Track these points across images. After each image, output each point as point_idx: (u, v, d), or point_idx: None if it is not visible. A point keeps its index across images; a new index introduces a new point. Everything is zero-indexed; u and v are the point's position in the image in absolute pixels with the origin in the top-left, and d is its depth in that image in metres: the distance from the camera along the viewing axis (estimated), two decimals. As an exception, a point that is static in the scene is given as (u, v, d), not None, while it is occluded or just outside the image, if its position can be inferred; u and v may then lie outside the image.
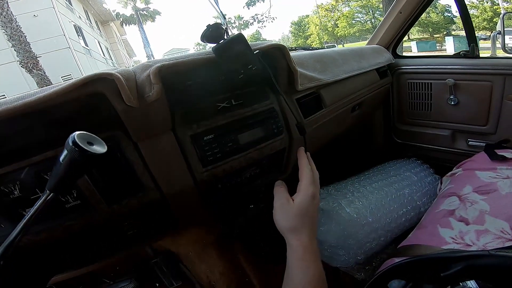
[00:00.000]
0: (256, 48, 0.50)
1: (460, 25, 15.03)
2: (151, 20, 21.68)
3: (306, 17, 23.19)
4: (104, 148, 0.32)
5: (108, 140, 0.43)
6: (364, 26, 19.38)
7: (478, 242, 0.54)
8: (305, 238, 0.44)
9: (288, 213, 0.46)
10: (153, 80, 0.40)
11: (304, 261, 0.43)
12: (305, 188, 0.47)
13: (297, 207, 0.45)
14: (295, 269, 0.43)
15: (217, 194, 0.59)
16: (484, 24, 12.99)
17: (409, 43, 14.90)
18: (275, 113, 0.60)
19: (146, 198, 0.48)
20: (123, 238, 0.54)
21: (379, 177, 1.06)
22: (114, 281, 0.96)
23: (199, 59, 0.46)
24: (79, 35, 13.09)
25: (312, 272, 0.43)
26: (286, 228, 0.46)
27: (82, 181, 0.42)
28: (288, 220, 0.45)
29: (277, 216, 0.47)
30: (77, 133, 0.30)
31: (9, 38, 7.14)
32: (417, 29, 16.81)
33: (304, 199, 0.46)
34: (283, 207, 0.46)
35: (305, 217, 0.45)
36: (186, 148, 0.50)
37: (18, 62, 7.57)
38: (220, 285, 0.96)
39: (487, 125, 1.08)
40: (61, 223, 0.43)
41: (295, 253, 0.44)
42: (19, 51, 7.28)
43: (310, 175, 0.48)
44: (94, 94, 0.39)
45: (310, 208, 0.46)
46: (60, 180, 0.31)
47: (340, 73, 0.86)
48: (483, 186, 0.70)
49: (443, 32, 16.50)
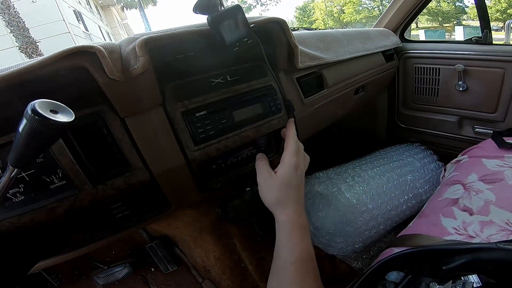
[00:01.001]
0: (252, 22, 0.47)
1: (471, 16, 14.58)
2: (152, 4, 21.18)
3: (312, 1, 22.56)
4: (71, 117, 0.29)
5: (92, 115, 0.42)
6: (371, 13, 18.84)
7: (482, 234, 0.51)
8: (292, 213, 0.43)
9: (271, 187, 0.45)
10: (138, 52, 0.38)
11: (292, 237, 0.42)
12: (288, 158, 0.45)
13: (280, 179, 0.44)
14: (283, 245, 0.42)
15: (211, 175, 0.57)
16: (497, 15, 12.59)
17: (417, 31, 14.54)
18: (273, 91, 0.58)
19: (133, 179, 0.46)
20: (112, 222, 0.53)
21: (381, 161, 1.03)
22: (108, 266, 0.97)
23: (190, 31, 0.44)
24: (79, 20, 12.87)
25: (299, 248, 0.41)
26: (271, 202, 0.45)
27: (66, 160, 0.40)
28: (272, 194, 0.45)
29: (262, 192, 0.46)
30: (38, 100, 0.27)
31: (7, 24, 7.12)
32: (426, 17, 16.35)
33: (287, 170, 0.45)
34: (266, 181, 0.45)
35: (289, 188, 0.44)
36: (177, 124, 0.48)
37: (17, 47, 7.50)
38: (215, 270, 0.97)
39: (496, 112, 1.06)
40: (44, 205, 0.41)
41: (282, 228, 0.43)
42: (18, 36, 7.28)
43: (295, 145, 0.47)
44: (75, 68, 0.37)
45: (294, 179, 0.45)
46: (21, 153, 0.28)
47: (344, 53, 0.83)
48: (489, 175, 0.67)
49: (453, 22, 16.06)
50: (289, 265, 0.40)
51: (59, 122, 0.27)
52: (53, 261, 0.59)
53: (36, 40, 7.48)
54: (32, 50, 7.39)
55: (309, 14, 22.54)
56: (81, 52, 0.36)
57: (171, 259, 0.98)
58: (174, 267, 0.99)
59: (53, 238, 0.50)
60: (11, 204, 0.40)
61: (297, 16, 23.47)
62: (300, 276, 0.40)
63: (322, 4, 20.84)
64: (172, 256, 0.99)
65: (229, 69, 0.54)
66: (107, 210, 0.50)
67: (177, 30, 0.43)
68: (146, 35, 0.40)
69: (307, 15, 22.67)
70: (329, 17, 20.49)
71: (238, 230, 1.03)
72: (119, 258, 1.00)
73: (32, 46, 7.38)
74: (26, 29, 7.30)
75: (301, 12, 23.22)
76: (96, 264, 0.97)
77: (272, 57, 0.58)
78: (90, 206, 0.45)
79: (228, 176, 0.59)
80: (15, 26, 7.12)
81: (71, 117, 0.29)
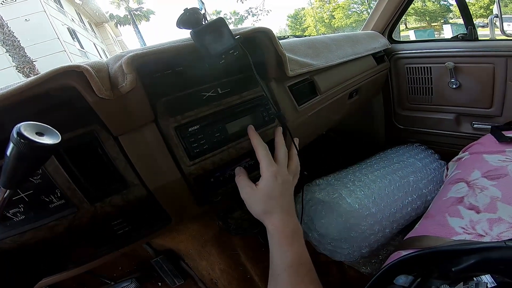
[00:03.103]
0: (238, 33, 0.48)
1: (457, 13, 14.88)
2: (145, 20, 21.52)
3: (302, 9, 23.02)
4: (57, 139, 0.29)
5: (85, 136, 0.42)
6: (360, 17, 19.23)
7: (492, 232, 0.49)
8: (278, 221, 0.44)
9: (255, 199, 0.46)
10: (125, 70, 0.38)
11: (281, 245, 0.43)
12: (265, 170, 0.46)
13: (262, 192, 0.45)
14: (275, 253, 0.44)
15: (209, 188, 0.57)
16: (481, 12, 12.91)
17: (407, 32, 14.84)
18: (265, 101, 0.57)
19: (131, 195, 0.46)
20: (113, 238, 0.53)
21: (381, 164, 1.02)
22: (115, 282, 0.96)
23: (175, 47, 0.44)
24: (74, 38, 13.03)
25: (290, 255, 0.42)
26: (258, 214, 0.46)
27: (62, 180, 0.41)
28: (257, 206, 0.46)
29: (248, 205, 0.47)
30: (23, 123, 0.27)
31: (2, 44, 7.11)
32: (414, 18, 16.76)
33: (266, 182, 0.45)
34: (249, 195, 0.46)
35: (272, 199, 0.45)
36: (170, 140, 0.47)
37: (15, 67, 7.54)
38: (221, 282, 0.96)
39: (492, 108, 1.06)
40: (44, 224, 0.42)
41: (271, 237, 0.44)
42: (14, 56, 7.28)
43: (265, 154, 0.46)
44: (65, 88, 0.37)
45: (276, 188, 0.45)
46: (11, 175, 0.28)
47: (334, 58, 0.84)
48: (492, 171, 0.65)
49: (440, 21, 16.46)
50: (282, 271, 0.42)
51: (45, 144, 0.27)
52: (58, 277, 0.60)
53: (33, 59, 7.50)
54: (30, 70, 7.40)
55: (301, 21, 22.96)
56: (69, 72, 0.36)
57: (178, 273, 0.97)
58: (181, 281, 0.98)
59: (55, 255, 0.50)
60: (12, 224, 0.41)
61: (289, 25, 23.90)
62: (295, 281, 0.41)
63: (312, 11, 21.26)
64: (178, 270, 0.98)
65: (220, 81, 0.54)
66: (108, 227, 0.50)
67: (163, 46, 0.43)
68: (132, 52, 0.40)
69: (299, 23, 23.09)
70: (320, 23, 20.86)
71: (242, 241, 1.01)
72: (126, 274, 1.00)
73: (28, 65, 7.38)
74: (22, 48, 7.29)
75: (293, 20, 23.66)
76: (103, 280, 0.97)
77: (262, 67, 0.58)
78: (90, 223, 0.45)
79: (227, 189, 0.59)
80: (10, 45, 7.10)
81: (57, 139, 0.29)
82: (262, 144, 0.48)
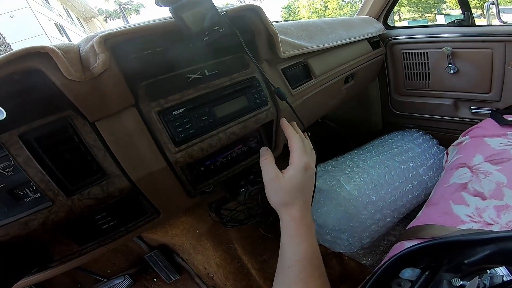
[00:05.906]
0: (224, 10, 0.45)
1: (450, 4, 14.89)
2: (135, 13, 21.09)
3: (296, 0, 22.79)
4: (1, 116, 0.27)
5: (58, 122, 0.39)
6: (354, 7, 19.12)
7: (500, 220, 0.46)
8: (296, 213, 0.43)
9: (279, 189, 0.43)
10: (97, 49, 0.36)
11: (296, 237, 0.42)
12: (297, 160, 0.44)
13: (288, 182, 0.43)
14: (288, 244, 0.42)
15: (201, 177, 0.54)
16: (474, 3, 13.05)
17: (401, 22, 14.85)
18: (256, 82, 0.54)
19: (111, 186, 0.43)
20: (98, 233, 0.50)
21: (379, 150, 0.99)
22: (108, 278, 0.95)
23: (153, 25, 0.41)
24: (62, 33, 12.72)
25: (304, 246, 0.41)
26: (277, 204, 0.44)
27: (34, 172, 0.38)
28: (280, 196, 0.44)
29: (268, 192, 0.45)
30: None
31: (-14, 41, 6.91)
32: (408, 9, 16.77)
33: (296, 173, 0.43)
34: (273, 183, 0.44)
35: (298, 191, 0.43)
36: (153, 125, 0.44)
37: (0, 64, 7.34)
38: (218, 276, 0.95)
39: (491, 92, 1.04)
40: (16, 219, 0.40)
41: (286, 229, 0.43)
42: (0, 53, 7.03)
43: (301, 145, 0.45)
44: (31, 71, 0.34)
45: (304, 181, 0.44)
46: None
47: (328, 42, 0.81)
48: (495, 155, 0.63)
49: (434, 11, 16.50)
50: (295, 263, 0.40)
51: None
52: (48, 274, 0.57)
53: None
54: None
55: (295, 12, 22.77)
56: (33, 54, 0.33)
57: (173, 268, 0.96)
58: (177, 276, 0.97)
59: (34, 252, 0.47)
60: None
61: (283, 16, 23.73)
62: (306, 274, 0.39)
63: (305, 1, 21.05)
64: (173, 265, 0.97)
65: (206, 63, 0.51)
66: (91, 221, 0.47)
67: (140, 24, 0.40)
68: (105, 32, 0.37)
69: (292, 14, 22.91)
70: (314, 13, 20.70)
71: (238, 233, 0.99)
72: (120, 270, 0.98)
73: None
74: (8, 44, 7.16)
75: (287, 11, 23.46)
76: (95, 276, 0.95)
77: (253, 48, 0.55)
78: (68, 217, 0.42)
79: (219, 178, 0.56)
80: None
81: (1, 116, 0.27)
82: (296, 134, 0.46)
